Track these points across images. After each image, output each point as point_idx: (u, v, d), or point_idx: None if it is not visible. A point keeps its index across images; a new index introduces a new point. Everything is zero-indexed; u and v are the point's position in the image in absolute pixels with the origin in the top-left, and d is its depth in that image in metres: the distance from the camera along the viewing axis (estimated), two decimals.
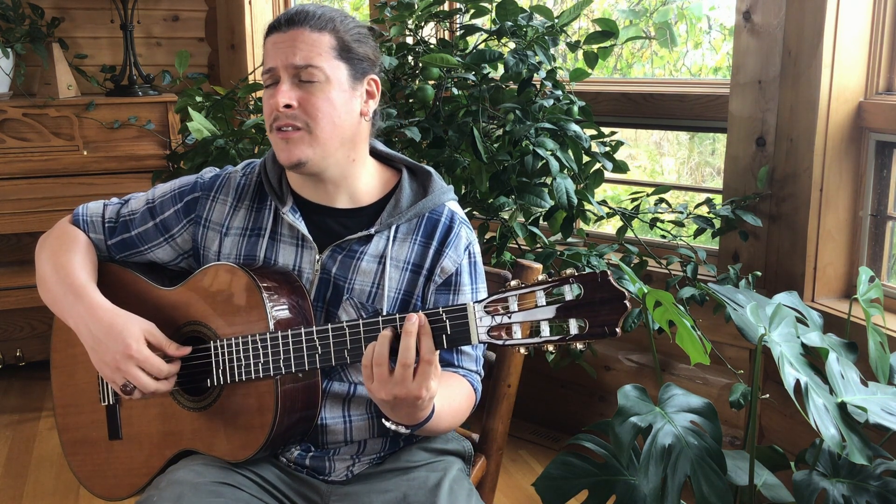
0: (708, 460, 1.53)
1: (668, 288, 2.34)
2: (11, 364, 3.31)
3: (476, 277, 1.47)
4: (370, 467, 1.44)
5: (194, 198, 1.48)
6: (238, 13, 3.72)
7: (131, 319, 1.36)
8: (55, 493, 2.55)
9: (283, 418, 1.32)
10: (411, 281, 1.42)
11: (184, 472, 1.33)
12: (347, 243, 1.42)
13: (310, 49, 1.34)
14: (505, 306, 1.15)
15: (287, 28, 1.35)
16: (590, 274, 1.13)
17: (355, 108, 1.38)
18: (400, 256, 1.42)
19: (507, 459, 2.70)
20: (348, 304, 1.41)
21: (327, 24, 1.36)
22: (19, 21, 3.24)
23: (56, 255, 1.46)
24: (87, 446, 1.52)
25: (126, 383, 1.33)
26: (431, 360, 1.16)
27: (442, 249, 1.43)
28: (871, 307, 1.80)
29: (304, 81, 1.33)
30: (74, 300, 1.40)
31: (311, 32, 1.35)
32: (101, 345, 1.34)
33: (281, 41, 1.35)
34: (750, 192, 2.38)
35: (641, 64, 3.24)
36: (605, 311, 1.12)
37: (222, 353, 1.34)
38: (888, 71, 2.19)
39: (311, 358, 1.27)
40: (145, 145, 3.31)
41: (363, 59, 1.39)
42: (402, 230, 1.43)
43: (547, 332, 1.13)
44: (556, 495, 1.65)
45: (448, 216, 1.45)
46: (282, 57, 1.34)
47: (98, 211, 1.52)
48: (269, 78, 1.36)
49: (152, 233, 1.49)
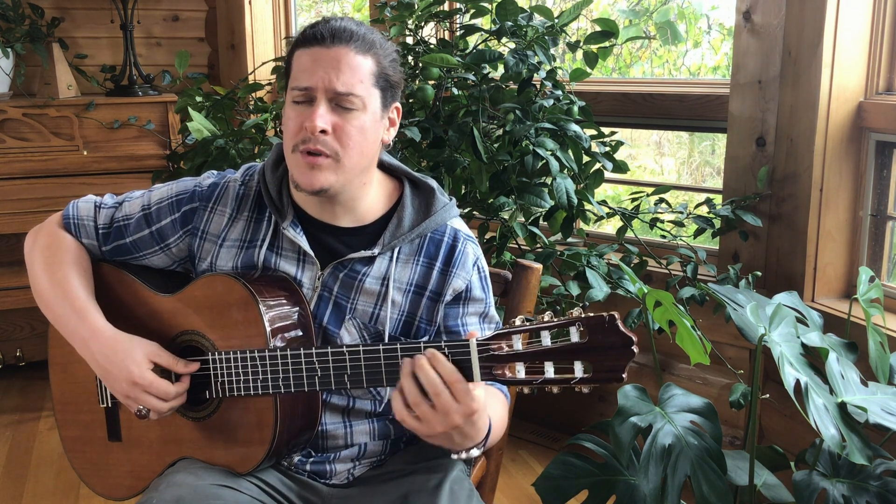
0: (708, 460, 1.52)
1: (668, 288, 2.34)
2: (11, 364, 3.31)
3: (487, 290, 1.45)
4: (371, 470, 1.44)
5: (192, 208, 1.44)
6: (238, 13, 3.72)
7: (133, 344, 1.34)
8: (55, 493, 2.55)
9: (282, 433, 1.31)
10: (414, 303, 1.40)
11: (183, 475, 1.32)
12: (349, 262, 1.39)
13: (353, 75, 1.28)
14: (509, 344, 1.14)
15: (332, 44, 1.28)
16: (597, 317, 1.10)
17: (379, 136, 1.35)
18: (402, 278, 1.40)
19: (507, 459, 2.70)
20: (350, 325, 1.39)
21: (371, 48, 1.30)
22: (19, 21, 3.24)
23: (51, 267, 1.43)
24: (86, 444, 1.52)
25: (139, 408, 1.33)
26: (459, 380, 1.14)
27: (448, 270, 1.40)
28: (871, 307, 1.80)
29: (340, 107, 1.29)
30: (77, 323, 1.38)
31: (356, 55, 1.29)
32: (109, 374, 1.34)
33: (324, 59, 1.28)
34: (750, 192, 2.38)
35: (641, 63, 3.25)
36: (612, 357, 1.09)
37: (220, 366, 1.32)
38: (888, 71, 2.19)
39: (311, 380, 1.26)
40: (145, 145, 3.31)
41: (395, 86, 1.35)
42: (405, 251, 1.41)
43: (551, 372, 1.11)
44: (556, 495, 1.65)
45: (451, 235, 1.42)
46: (324, 78, 1.27)
47: (90, 214, 1.48)
48: (302, 95, 1.29)
49: (147, 241, 1.46)
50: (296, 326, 1.34)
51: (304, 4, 4.17)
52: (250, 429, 1.32)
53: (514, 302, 1.61)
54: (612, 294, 2.23)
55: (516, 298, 1.61)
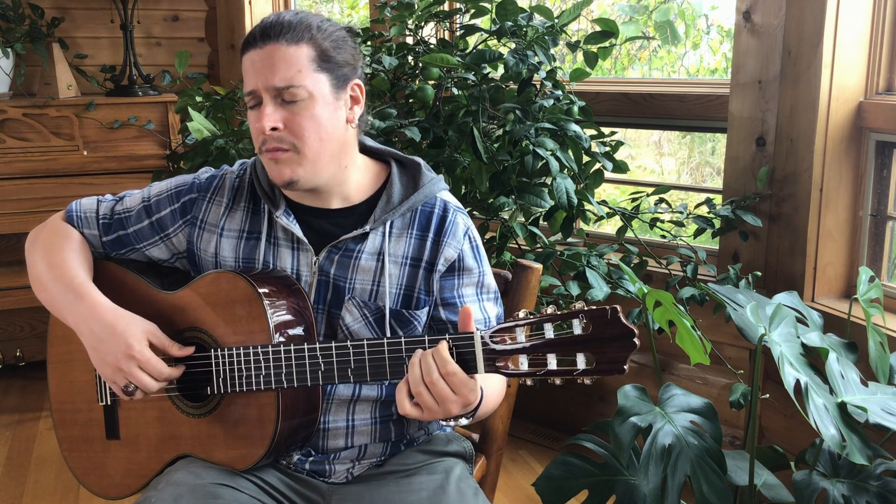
0: (708, 460, 1.52)
1: (668, 288, 2.34)
2: (11, 364, 3.31)
3: (480, 259, 1.46)
4: (371, 469, 1.44)
5: (191, 199, 1.47)
6: (238, 13, 3.72)
7: (134, 320, 1.35)
8: (55, 493, 2.55)
9: (283, 429, 1.31)
10: (411, 275, 1.41)
11: (182, 474, 1.32)
12: (343, 243, 1.40)
13: (288, 67, 1.29)
14: (512, 336, 1.15)
15: (262, 43, 1.30)
16: (600, 309, 1.11)
17: (341, 118, 1.36)
18: (397, 252, 1.41)
19: (507, 459, 2.70)
20: (351, 304, 1.40)
21: (304, 35, 1.31)
22: (19, 21, 3.24)
23: (50, 253, 1.45)
24: (84, 444, 1.52)
25: (127, 384, 1.32)
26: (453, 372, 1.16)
27: (440, 239, 1.41)
28: (871, 307, 1.80)
29: (286, 101, 1.30)
30: (75, 299, 1.38)
31: (288, 47, 1.30)
32: (103, 344, 1.34)
33: (258, 60, 1.30)
34: (750, 192, 2.38)
35: (640, 65, 3.24)
36: (614, 349, 1.10)
37: (223, 361, 1.33)
38: (888, 71, 2.19)
39: (314, 374, 1.27)
40: (145, 145, 3.31)
41: (344, 66, 1.35)
42: (397, 225, 1.42)
43: (554, 364, 1.12)
44: (556, 495, 1.65)
45: (441, 206, 1.44)
46: (261, 79, 1.30)
47: (92, 207, 1.51)
48: (251, 99, 1.33)
49: (147, 231, 1.48)
50: (299, 323, 1.35)
51: (304, 4, 4.17)
52: (251, 425, 1.33)
53: (514, 302, 1.61)
54: (612, 294, 2.23)
55: (516, 298, 1.61)
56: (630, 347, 1.10)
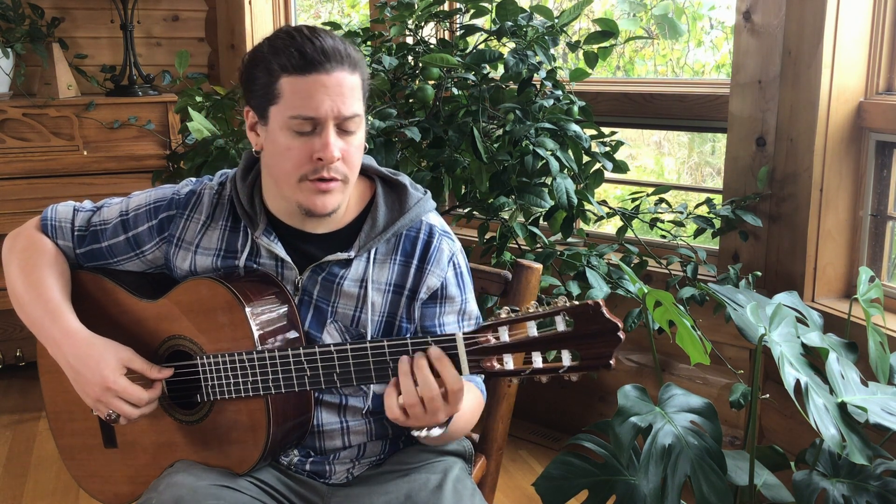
0: (708, 460, 1.52)
1: (668, 288, 2.34)
2: (11, 364, 3.31)
3: (464, 287, 1.43)
4: (370, 469, 1.44)
5: (169, 216, 1.42)
6: (238, 13, 3.72)
7: (107, 348, 1.33)
8: (55, 493, 2.55)
9: (276, 433, 1.31)
10: (394, 302, 1.39)
11: (183, 475, 1.32)
12: (327, 265, 1.38)
13: (353, 96, 1.25)
14: (496, 335, 1.14)
15: (330, 68, 1.23)
16: (581, 305, 1.09)
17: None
18: (381, 279, 1.38)
19: (507, 459, 2.70)
20: (332, 328, 1.38)
21: (358, 64, 1.27)
22: (19, 21, 3.24)
23: (26, 270, 1.41)
24: (82, 452, 1.51)
25: (109, 413, 1.32)
26: (461, 388, 1.16)
27: (423, 266, 1.39)
28: (871, 307, 1.80)
29: (344, 131, 1.26)
30: (50, 323, 1.36)
31: (350, 75, 1.25)
32: (80, 376, 1.33)
33: (331, 86, 1.23)
34: (750, 192, 2.38)
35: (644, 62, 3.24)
36: (599, 344, 1.09)
37: (209, 369, 1.32)
38: (888, 71, 2.19)
39: (301, 380, 1.26)
40: (145, 145, 3.31)
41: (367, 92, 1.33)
42: (381, 251, 1.39)
43: (539, 362, 1.11)
44: (556, 495, 1.65)
45: (426, 231, 1.41)
46: (333, 108, 1.23)
47: (68, 216, 1.46)
48: (306, 124, 1.25)
49: (123, 246, 1.44)
50: (283, 326, 1.34)
51: (305, 4, 4.17)
52: (244, 430, 1.32)
53: (514, 302, 1.61)
54: (612, 294, 2.23)
55: (516, 299, 1.61)
56: (615, 341, 1.08)
